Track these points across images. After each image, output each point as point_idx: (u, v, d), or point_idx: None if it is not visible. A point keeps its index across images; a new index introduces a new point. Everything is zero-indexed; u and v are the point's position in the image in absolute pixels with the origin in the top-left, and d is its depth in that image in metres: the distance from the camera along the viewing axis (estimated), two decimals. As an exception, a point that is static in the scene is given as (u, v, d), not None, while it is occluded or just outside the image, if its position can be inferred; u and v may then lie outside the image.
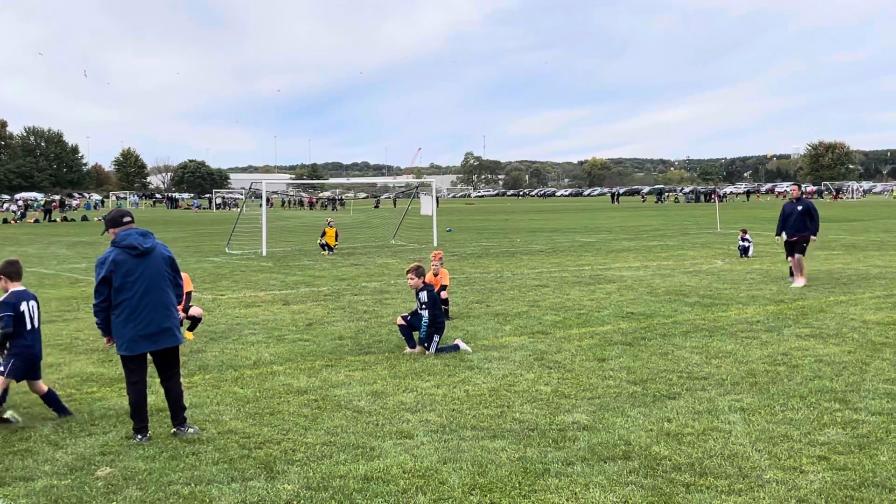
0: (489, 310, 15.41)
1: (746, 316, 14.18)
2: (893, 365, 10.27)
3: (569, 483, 6.48)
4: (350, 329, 13.57)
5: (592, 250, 29.64)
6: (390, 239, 36.61)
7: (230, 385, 9.89)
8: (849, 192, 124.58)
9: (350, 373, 10.41)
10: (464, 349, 11.57)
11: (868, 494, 6.11)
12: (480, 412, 8.53)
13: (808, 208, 18.39)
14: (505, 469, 6.81)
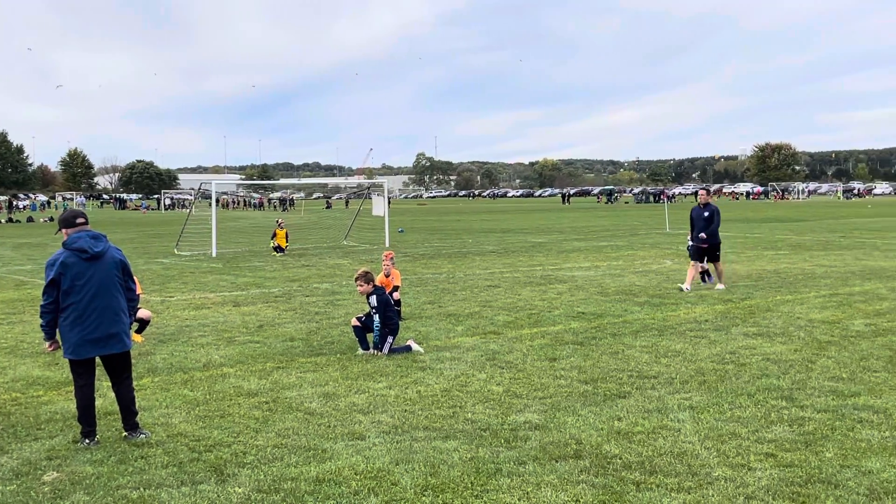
0: (441, 310, 15.42)
1: (695, 315, 14.35)
2: (838, 363, 10.45)
3: (521, 482, 6.50)
4: (301, 330, 13.50)
5: (544, 251, 29.79)
6: (342, 240, 36.48)
7: (179, 387, 9.78)
8: (794, 193, 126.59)
9: (301, 374, 10.35)
10: (416, 350, 11.57)
11: (814, 491, 6.21)
12: (433, 413, 8.53)
13: (713, 214, 17.99)
14: (457, 469, 6.81)
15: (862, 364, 10.35)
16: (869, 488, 6.22)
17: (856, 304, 15.11)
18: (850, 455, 6.97)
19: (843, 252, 26.99)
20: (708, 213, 18.00)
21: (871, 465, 6.73)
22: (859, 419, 8.00)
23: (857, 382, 9.43)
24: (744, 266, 22.87)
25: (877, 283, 18.33)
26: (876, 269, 21.39)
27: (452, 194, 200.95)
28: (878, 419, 7.99)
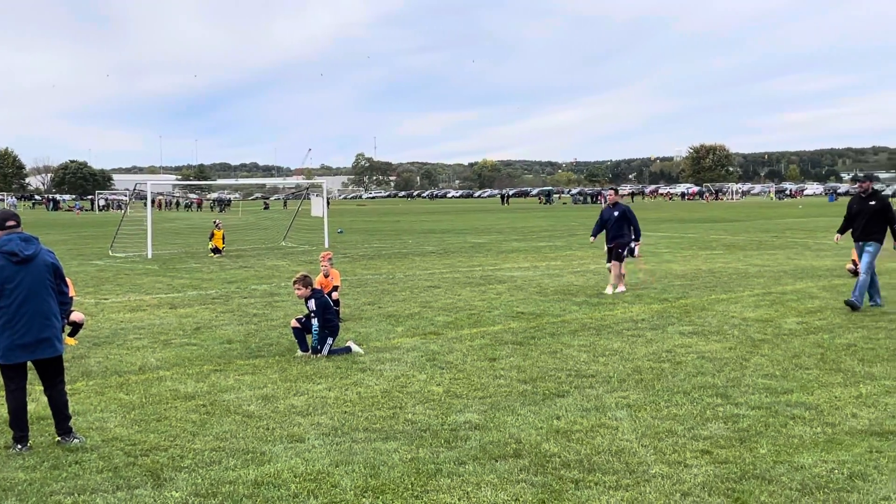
0: (381, 311, 15.38)
1: (632, 314, 14.52)
2: (772, 361, 10.65)
3: (461, 482, 6.51)
4: (239, 332, 13.37)
5: (483, 251, 29.89)
6: (280, 241, 36.20)
7: (115, 391, 9.62)
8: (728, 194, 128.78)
9: (239, 377, 10.25)
10: (356, 351, 11.53)
11: (748, 486, 6.32)
12: (373, 414, 8.51)
13: (624, 214, 17.73)
14: (397, 470, 6.80)
15: (794, 362, 10.56)
16: (801, 483, 6.35)
17: (788, 303, 15.41)
18: (783, 451, 7.11)
19: (776, 252, 27.53)
20: (618, 212, 17.74)
21: (803, 460, 6.87)
22: (792, 416, 8.16)
23: (789, 380, 9.62)
24: (679, 266, 23.20)
25: (808, 282, 18.73)
26: (807, 268, 21.85)
27: (392, 195, 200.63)
28: (810, 415, 8.16)
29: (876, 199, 14.85)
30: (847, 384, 9.35)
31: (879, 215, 14.68)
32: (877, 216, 14.68)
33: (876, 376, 9.69)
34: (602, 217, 18.10)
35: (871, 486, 6.25)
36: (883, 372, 9.90)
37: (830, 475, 6.50)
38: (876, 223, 14.69)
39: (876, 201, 14.79)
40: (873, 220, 14.69)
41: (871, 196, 14.91)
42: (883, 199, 14.88)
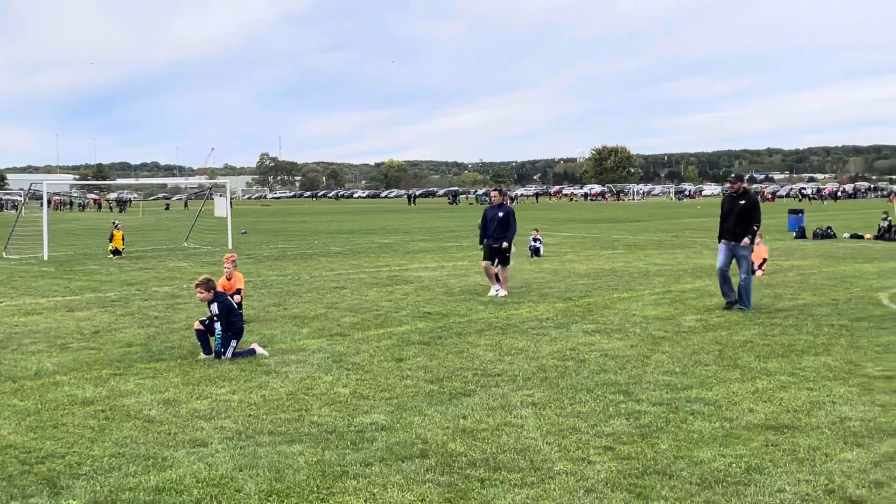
0: (286, 313, 15.23)
1: (537, 314, 14.68)
2: (672, 358, 10.89)
3: (367, 484, 6.48)
4: (140, 336, 13.07)
5: (390, 251, 29.87)
6: (182, 242, 35.54)
7: (8, 397, 9.30)
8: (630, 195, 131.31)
9: (140, 381, 10.01)
10: (260, 353, 11.38)
11: (650, 482, 6.44)
12: (278, 417, 8.41)
13: (508, 215, 17.29)
14: (303, 473, 6.74)
15: (694, 358, 10.81)
16: (701, 477, 6.50)
17: (687, 301, 15.78)
18: (683, 446, 7.27)
19: (676, 251, 28.18)
20: (503, 213, 17.32)
21: (702, 454, 7.03)
22: (691, 411, 8.35)
23: (689, 376, 9.84)
24: (582, 265, 23.56)
25: (706, 280, 19.20)
26: (706, 267, 22.40)
27: (297, 195, 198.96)
28: (709, 411, 8.36)
29: (746, 198, 15.00)
30: (744, 380, 9.61)
31: (748, 214, 14.83)
32: (746, 215, 14.81)
33: (771, 371, 9.99)
34: (485, 217, 17.65)
35: (767, 479, 6.43)
36: (778, 367, 10.21)
37: (728, 469, 6.67)
38: (746, 223, 14.81)
39: (745, 200, 14.93)
40: (743, 220, 14.80)
41: (742, 196, 15.04)
42: (752, 198, 15.03)
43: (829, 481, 6.35)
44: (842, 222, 44.34)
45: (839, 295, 16.36)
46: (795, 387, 9.23)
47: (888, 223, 33.21)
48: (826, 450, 7.09)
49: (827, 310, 14.52)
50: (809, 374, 9.83)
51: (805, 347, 11.35)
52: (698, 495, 6.14)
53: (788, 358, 10.73)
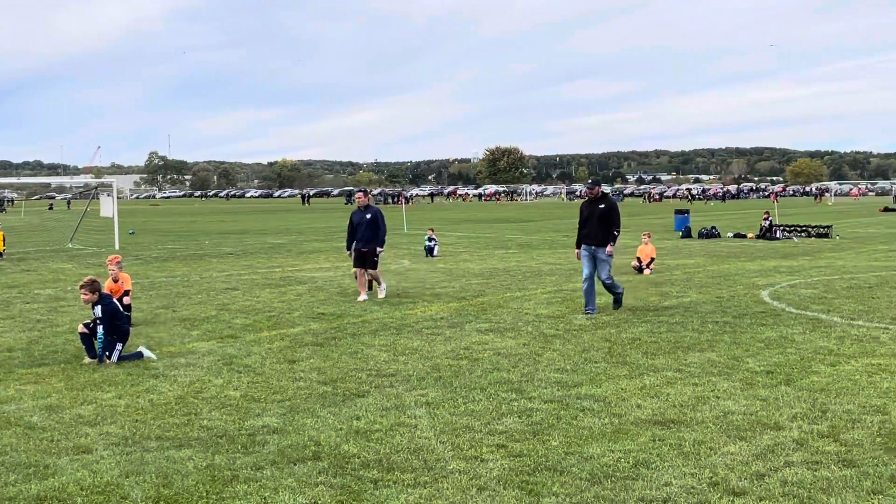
0: (176, 315, 14.91)
1: (431, 313, 14.71)
2: (563, 355, 11.05)
3: (258, 488, 6.39)
4: (21, 340, 12.60)
5: (283, 252, 29.55)
6: (67, 242, 34.45)
7: None
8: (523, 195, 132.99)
9: (21, 387, 9.65)
10: (148, 356, 11.10)
11: (542, 478, 6.52)
12: (166, 421, 8.22)
13: (375, 217, 16.81)
14: (192, 479, 6.60)
15: (584, 356, 11.00)
16: (591, 473, 6.61)
17: (578, 300, 16.03)
18: (573, 442, 7.38)
19: (567, 250, 28.62)
20: (370, 215, 16.81)
21: (592, 450, 7.15)
22: (582, 408, 8.49)
23: (579, 373, 10.01)
24: (476, 265, 23.74)
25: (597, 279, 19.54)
26: (596, 266, 22.81)
27: (188, 195, 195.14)
28: (599, 407, 8.51)
29: (605, 202, 14.72)
30: (632, 376, 9.82)
31: (607, 219, 14.58)
32: (605, 220, 14.57)
33: (658, 368, 10.23)
34: (352, 221, 17.09)
35: (655, 473, 6.58)
36: (664, 364, 10.46)
37: (617, 464, 6.80)
38: (605, 228, 14.56)
39: (604, 205, 14.65)
40: (602, 225, 14.55)
41: (601, 200, 14.77)
42: (611, 203, 14.81)
43: (714, 474, 6.53)
44: (726, 222, 45.76)
45: (723, 293, 16.87)
46: (681, 382, 9.47)
47: (769, 223, 34.41)
48: (710, 443, 7.29)
49: (711, 307, 14.95)
50: (695, 369, 10.11)
51: (690, 344, 11.67)
52: (588, 490, 6.25)
53: (675, 354, 11.01)
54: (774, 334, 12.23)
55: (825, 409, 8.28)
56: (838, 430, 7.58)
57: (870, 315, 13.78)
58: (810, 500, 5.99)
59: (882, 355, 10.71)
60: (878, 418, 7.93)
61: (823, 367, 10.07)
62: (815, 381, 9.43)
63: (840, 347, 11.22)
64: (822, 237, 33.59)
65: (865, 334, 12.11)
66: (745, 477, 6.46)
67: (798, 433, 7.52)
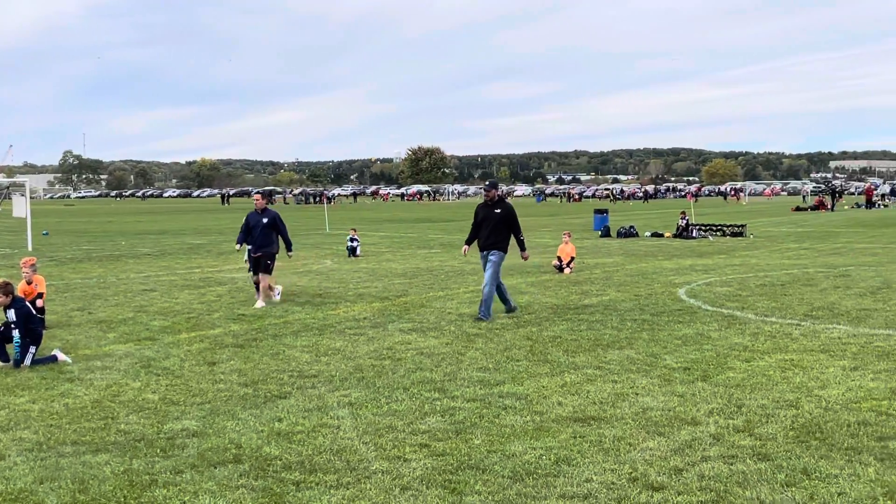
0: (91, 317, 14.59)
1: (354, 313, 14.66)
2: (485, 354, 11.11)
3: (178, 492, 6.29)
4: (-72, 344, 12.19)
5: (203, 252, 29.13)
6: (-23, 243, 33.45)
7: None
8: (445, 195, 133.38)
9: (-72, 393, 9.34)
10: (63, 360, 10.84)
11: (464, 477, 6.55)
12: (82, 426, 8.04)
13: (273, 221, 16.24)
14: (109, 484, 6.46)
15: (506, 354, 11.08)
16: (513, 470, 6.66)
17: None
18: (496, 440, 7.43)
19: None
20: (267, 218, 16.22)
21: (514, 448, 7.20)
22: (504, 406, 8.55)
23: (501, 372, 10.07)
24: (399, 264, 23.73)
25: (518, 278, 19.73)
26: (517, 265, 22.97)
27: (104, 194, 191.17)
28: (521, 405, 8.58)
29: (501, 206, 14.40)
30: (553, 374, 9.92)
31: (503, 224, 14.24)
32: (501, 225, 14.22)
33: (578, 365, 10.36)
34: (248, 223, 16.49)
35: (576, 470, 6.66)
36: (585, 361, 10.60)
37: (539, 461, 6.87)
38: (500, 232, 14.25)
39: (501, 209, 14.33)
40: (498, 229, 14.21)
41: (497, 204, 14.43)
42: (507, 207, 14.48)
43: (633, 469, 6.64)
44: (643, 222, 46.54)
45: (641, 291, 17.15)
46: (601, 379, 9.60)
47: (686, 222, 35.10)
48: (629, 439, 7.41)
49: (630, 305, 15.19)
50: (614, 367, 10.26)
51: (610, 341, 11.84)
52: (510, 488, 6.29)
53: (595, 352, 11.16)
54: (691, 331, 12.48)
55: (740, 404, 8.49)
56: (753, 425, 7.77)
57: (782, 312, 14.16)
58: (726, 493, 6.13)
59: (794, 351, 11.01)
60: (791, 412, 8.15)
61: (738, 363, 10.32)
62: (731, 376, 9.65)
63: (754, 344, 11.51)
64: (736, 236, 34.39)
65: (778, 331, 12.44)
66: (664, 472, 6.58)
67: (714, 428, 7.69)
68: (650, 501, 6.00)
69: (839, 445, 7.13)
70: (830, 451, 7.01)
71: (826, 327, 12.67)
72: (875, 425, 7.68)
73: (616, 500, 6.03)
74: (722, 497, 6.06)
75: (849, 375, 9.61)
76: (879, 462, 6.70)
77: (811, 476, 6.43)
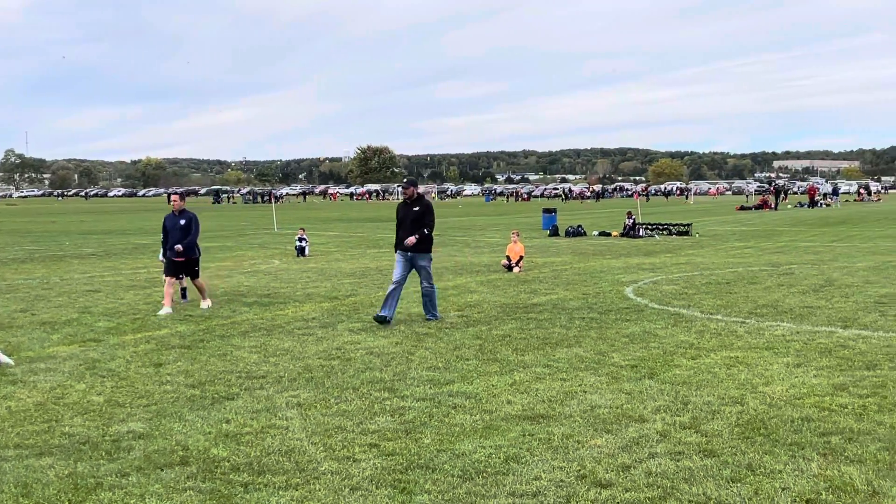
0: (35, 318, 14.33)
1: (303, 313, 14.58)
2: (435, 353, 11.12)
3: (123, 495, 6.21)
4: None
5: (149, 252, 28.78)
6: (-85, 244, 32.71)
7: None
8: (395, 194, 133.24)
9: None
10: (5, 362, 10.63)
11: (414, 476, 6.55)
12: (25, 429, 7.89)
13: (190, 223, 15.62)
14: (53, 488, 6.36)
15: (455, 353, 11.09)
16: (462, 469, 6.67)
17: (449, 298, 16.17)
18: (445, 440, 7.44)
19: (437, 249, 28.77)
20: (184, 221, 15.59)
21: (464, 447, 7.22)
22: (454, 405, 8.56)
23: (451, 371, 10.09)
24: (349, 264, 23.66)
25: (467, 277, 19.77)
26: (466, 264, 23.07)
27: (47, 194, 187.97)
28: (470, 404, 8.60)
29: (419, 204, 13.99)
30: (503, 372, 9.96)
31: (422, 221, 13.81)
32: (420, 222, 13.80)
33: (528, 364, 10.41)
34: (165, 227, 15.85)
35: (525, 468, 6.69)
36: (534, 360, 10.65)
37: (488, 460, 6.89)
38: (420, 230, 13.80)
39: (419, 206, 13.93)
40: (417, 227, 13.76)
41: (416, 202, 14.00)
42: (426, 204, 14.14)
43: (581, 467, 6.69)
44: (591, 221, 46.92)
45: (589, 289, 17.28)
46: (550, 378, 9.66)
47: (633, 221, 35.45)
48: (578, 437, 7.46)
49: (578, 303, 15.30)
50: (563, 365, 10.32)
51: (559, 340, 11.91)
52: (460, 487, 6.30)
53: (543, 350, 11.22)
54: (638, 329, 12.61)
55: (687, 401, 8.59)
56: (699, 422, 7.87)
57: (727, 310, 14.36)
58: (673, 489, 6.20)
59: (739, 348, 11.17)
60: (737, 409, 8.27)
61: (685, 361, 10.44)
62: (678, 374, 9.77)
63: (700, 341, 11.66)
64: (682, 235, 34.82)
65: (724, 328, 12.62)
66: (612, 469, 6.64)
67: (661, 425, 7.78)
68: (598, 499, 6.05)
69: (783, 441, 7.26)
70: (775, 446, 7.13)
71: (770, 325, 12.88)
72: (818, 421, 7.82)
73: (565, 498, 6.07)
74: (669, 493, 6.13)
75: (792, 372, 9.78)
76: (822, 457, 6.83)
77: (756, 472, 6.53)
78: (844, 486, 6.17)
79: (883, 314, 13.62)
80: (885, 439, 7.24)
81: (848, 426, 7.64)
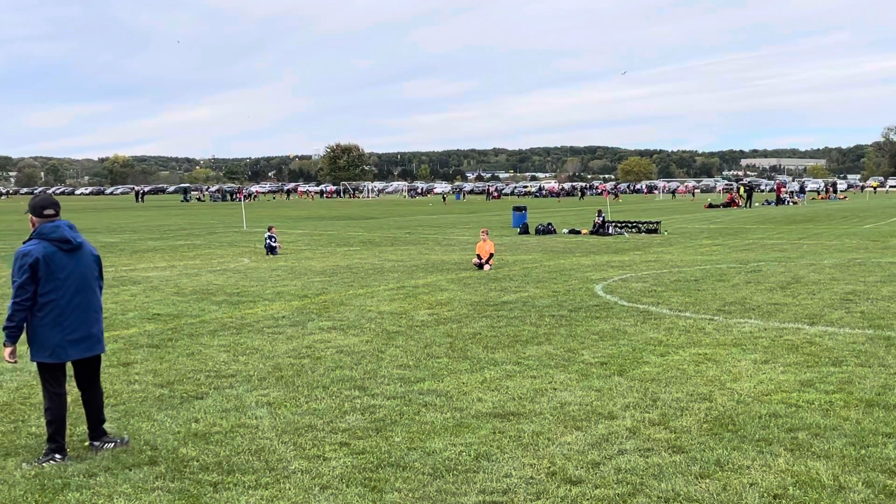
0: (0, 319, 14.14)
1: (273, 312, 14.52)
2: (405, 351, 11.11)
3: (91, 496, 6.15)
4: None
5: (116, 251, 28.54)
6: None
7: None
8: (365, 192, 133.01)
9: None
10: (-31, 362, 10.50)
11: (384, 474, 6.54)
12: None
13: None
14: (19, 488, 6.29)
15: (426, 351, 11.09)
16: (433, 467, 6.67)
17: (420, 296, 16.16)
18: (416, 438, 7.44)
19: (409, 247, 28.79)
20: None
21: (434, 445, 7.22)
22: (424, 403, 8.56)
23: (422, 369, 10.08)
24: (319, 262, 23.56)
25: (438, 275, 19.77)
26: (437, 262, 23.06)
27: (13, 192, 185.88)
28: (441, 402, 8.60)
29: None
30: (473, 370, 9.97)
31: None
32: None
33: (498, 361, 10.43)
34: None
35: (495, 465, 6.71)
36: (504, 357, 10.67)
37: (459, 457, 6.90)
38: None
39: None
40: None
41: None
42: None
43: (552, 464, 6.71)
44: (561, 218, 47.06)
45: (559, 287, 17.33)
46: (520, 375, 9.68)
47: (602, 219, 35.58)
48: (548, 434, 7.49)
49: (548, 301, 15.34)
50: (533, 362, 10.35)
51: (529, 338, 11.94)
52: (430, 485, 6.31)
53: (514, 348, 11.24)
54: (608, 327, 12.66)
55: (656, 397, 8.64)
56: (668, 418, 7.92)
57: (696, 307, 14.46)
58: (642, 485, 6.24)
59: (707, 345, 11.25)
60: (705, 405, 8.33)
61: (654, 358, 10.50)
62: (647, 371, 9.82)
63: (669, 338, 11.73)
64: (651, 233, 35.00)
65: (692, 325, 12.70)
66: (582, 466, 6.67)
67: (631, 422, 7.82)
68: (568, 495, 6.08)
69: (751, 437, 7.32)
70: (742, 442, 7.19)
71: (738, 321, 12.98)
72: (785, 417, 7.90)
73: (535, 495, 6.09)
74: (638, 489, 6.16)
75: (760, 368, 9.86)
76: (789, 452, 6.90)
77: (724, 467, 6.58)
78: (811, 482, 6.24)
79: (849, 311, 13.77)
80: (850, 435, 7.33)
81: (815, 422, 7.72)
